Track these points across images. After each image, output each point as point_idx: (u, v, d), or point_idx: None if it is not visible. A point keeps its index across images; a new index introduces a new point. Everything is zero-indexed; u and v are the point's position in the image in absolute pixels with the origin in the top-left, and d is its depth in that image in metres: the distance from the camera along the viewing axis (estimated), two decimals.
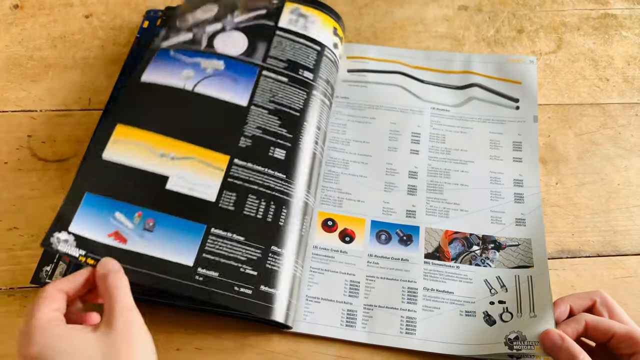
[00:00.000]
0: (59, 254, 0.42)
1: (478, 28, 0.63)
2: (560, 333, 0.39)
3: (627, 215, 0.51)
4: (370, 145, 0.54)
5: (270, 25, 0.55)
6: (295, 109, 0.51)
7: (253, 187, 0.46)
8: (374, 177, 0.52)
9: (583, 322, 0.39)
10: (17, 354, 0.32)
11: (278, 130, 0.49)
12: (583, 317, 0.40)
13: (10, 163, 0.53)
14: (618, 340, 0.38)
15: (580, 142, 0.55)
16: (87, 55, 0.60)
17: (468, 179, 0.52)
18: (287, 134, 0.49)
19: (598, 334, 0.39)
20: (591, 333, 0.39)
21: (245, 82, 0.51)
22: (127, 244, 0.42)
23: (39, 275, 0.46)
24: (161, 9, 0.63)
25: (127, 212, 0.44)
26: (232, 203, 0.45)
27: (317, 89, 0.53)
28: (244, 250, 0.44)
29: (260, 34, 0.54)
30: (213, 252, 0.43)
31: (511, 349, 0.42)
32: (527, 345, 0.42)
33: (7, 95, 0.57)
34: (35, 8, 0.63)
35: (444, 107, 0.56)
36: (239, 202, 0.45)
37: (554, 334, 0.39)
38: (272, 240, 0.45)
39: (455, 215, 0.50)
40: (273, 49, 0.54)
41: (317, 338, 0.44)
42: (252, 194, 0.46)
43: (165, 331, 0.44)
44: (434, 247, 0.48)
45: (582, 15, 0.65)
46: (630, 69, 0.60)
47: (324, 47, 0.55)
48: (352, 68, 0.59)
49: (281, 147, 0.49)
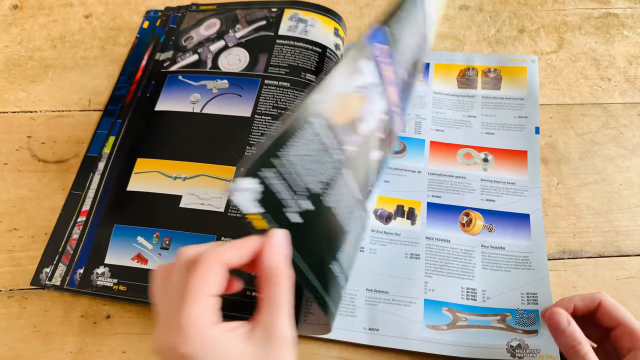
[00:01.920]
0: (97, 286, 0.45)
1: (479, 28, 0.63)
2: (568, 316, 0.38)
3: (629, 215, 0.51)
4: None
5: (270, 35, 0.57)
6: None
7: None
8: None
9: (598, 300, 0.40)
10: (158, 337, 0.28)
11: None
12: (600, 295, 0.40)
13: (10, 164, 0.52)
14: (622, 331, 0.38)
15: (581, 142, 0.55)
16: (86, 56, 0.60)
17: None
18: None
19: (607, 317, 0.39)
20: (601, 314, 0.39)
21: (249, 94, 0.54)
22: (148, 264, 0.46)
23: (38, 277, 0.46)
24: (161, 9, 0.63)
25: (147, 235, 0.47)
26: (239, 211, 0.45)
27: None
28: None
29: (261, 46, 0.56)
30: None
31: (513, 356, 0.42)
32: (529, 353, 0.42)
33: (6, 96, 0.57)
34: (35, 8, 0.63)
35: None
36: None
37: (561, 315, 0.38)
38: None
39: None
40: (274, 57, 0.55)
41: (318, 339, 0.44)
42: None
43: None
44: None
45: (583, 15, 0.65)
46: (632, 68, 0.60)
47: (326, 49, 0.56)
48: None
49: None
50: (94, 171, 0.51)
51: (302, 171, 0.32)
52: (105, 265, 0.46)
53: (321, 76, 0.53)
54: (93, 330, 0.44)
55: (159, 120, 0.54)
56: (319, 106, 0.33)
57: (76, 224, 0.48)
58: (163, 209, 0.48)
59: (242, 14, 0.59)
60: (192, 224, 0.47)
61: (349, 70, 0.36)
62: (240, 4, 0.61)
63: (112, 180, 0.51)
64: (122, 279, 0.45)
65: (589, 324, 0.42)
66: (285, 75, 0.54)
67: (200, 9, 0.62)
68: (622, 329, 0.38)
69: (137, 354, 0.43)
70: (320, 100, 0.33)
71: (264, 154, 0.30)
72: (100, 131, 0.54)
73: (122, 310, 0.45)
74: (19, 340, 0.44)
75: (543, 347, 0.42)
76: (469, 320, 0.45)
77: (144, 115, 0.54)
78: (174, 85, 0.56)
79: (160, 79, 0.57)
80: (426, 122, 0.56)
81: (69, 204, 0.50)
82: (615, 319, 0.39)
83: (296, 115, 0.32)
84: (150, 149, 0.52)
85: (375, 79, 0.38)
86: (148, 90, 0.56)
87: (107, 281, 0.45)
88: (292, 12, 0.57)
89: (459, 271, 0.47)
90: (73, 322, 0.44)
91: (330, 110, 0.34)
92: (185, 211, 0.48)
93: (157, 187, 0.49)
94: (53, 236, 0.48)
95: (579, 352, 0.36)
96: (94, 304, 0.45)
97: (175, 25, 0.61)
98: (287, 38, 0.56)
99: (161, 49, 0.59)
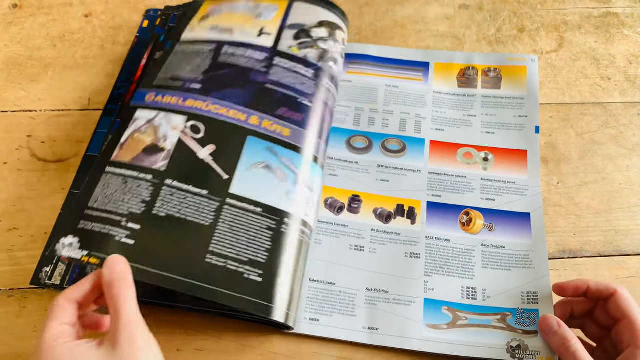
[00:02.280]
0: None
1: (479, 27, 0.63)
2: (557, 320, 0.41)
3: (629, 215, 0.51)
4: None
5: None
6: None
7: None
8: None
9: (613, 290, 0.40)
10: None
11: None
12: (618, 287, 0.40)
13: (9, 163, 0.52)
14: (625, 325, 0.38)
15: (581, 141, 0.55)
16: (86, 55, 0.60)
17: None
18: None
19: (616, 308, 0.39)
20: (611, 303, 0.40)
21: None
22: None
23: (38, 276, 0.46)
24: (161, 9, 0.63)
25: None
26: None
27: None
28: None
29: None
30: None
31: (513, 357, 0.42)
32: (529, 354, 0.42)
33: (6, 95, 0.57)
34: (35, 7, 0.63)
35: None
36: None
37: (552, 319, 0.41)
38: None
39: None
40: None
41: (318, 339, 0.44)
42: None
43: (166, 332, 0.44)
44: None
45: (583, 14, 0.65)
46: (632, 68, 0.60)
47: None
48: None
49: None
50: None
51: (115, 205, 0.43)
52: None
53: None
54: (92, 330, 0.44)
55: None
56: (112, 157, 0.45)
57: None
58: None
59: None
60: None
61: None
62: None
63: None
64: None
65: (590, 321, 0.42)
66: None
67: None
68: (626, 322, 0.38)
69: None
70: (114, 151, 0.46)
71: (70, 215, 0.43)
72: (100, 130, 0.54)
73: None
74: (18, 340, 0.44)
75: (543, 349, 0.42)
76: (469, 320, 0.45)
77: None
78: None
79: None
80: (426, 122, 0.56)
81: (68, 203, 0.50)
82: (622, 310, 0.39)
83: (91, 172, 0.45)
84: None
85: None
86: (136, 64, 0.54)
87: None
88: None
89: (459, 270, 0.47)
90: None
91: (119, 156, 0.45)
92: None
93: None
94: (53, 235, 0.48)
95: (569, 349, 0.39)
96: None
97: (175, 25, 0.60)
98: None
99: (161, 49, 0.58)
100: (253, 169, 0.46)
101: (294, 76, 0.52)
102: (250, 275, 0.42)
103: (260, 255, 0.43)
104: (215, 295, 0.41)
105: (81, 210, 0.43)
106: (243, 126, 0.48)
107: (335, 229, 0.49)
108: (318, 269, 0.47)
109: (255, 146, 0.47)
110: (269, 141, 0.48)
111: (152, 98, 0.49)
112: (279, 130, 0.48)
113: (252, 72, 0.51)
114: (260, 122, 0.48)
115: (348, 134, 0.55)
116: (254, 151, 0.47)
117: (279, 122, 0.49)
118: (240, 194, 0.45)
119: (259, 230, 0.44)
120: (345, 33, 0.58)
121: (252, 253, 0.43)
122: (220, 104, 0.49)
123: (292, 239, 0.45)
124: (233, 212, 0.44)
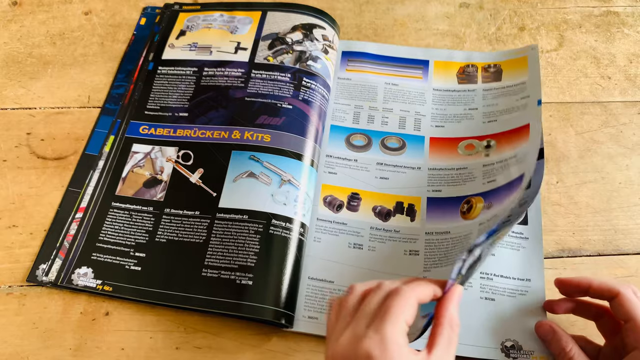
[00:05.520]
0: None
1: (479, 25, 0.63)
2: (551, 324, 0.42)
3: (629, 214, 0.51)
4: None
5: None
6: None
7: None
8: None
9: (616, 291, 0.39)
10: (344, 346, 0.31)
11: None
12: (621, 288, 0.39)
13: (9, 161, 0.52)
14: (631, 327, 0.38)
15: (581, 140, 0.55)
16: (86, 53, 0.60)
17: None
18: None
19: (620, 310, 0.38)
20: (616, 306, 0.39)
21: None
22: None
23: (35, 273, 0.46)
24: (159, 6, 0.63)
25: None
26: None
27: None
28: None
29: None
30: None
31: (507, 356, 0.42)
32: (523, 354, 0.42)
33: (5, 92, 0.57)
34: (34, 5, 0.63)
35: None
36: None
37: (545, 326, 0.42)
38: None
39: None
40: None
41: (316, 337, 0.44)
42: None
43: (165, 330, 0.44)
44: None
45: (584, 13, 0.64)
46: (632, 67, 0.60)
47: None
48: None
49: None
50: (94, 169, 0.51)
51: (123, 238, 0.47)
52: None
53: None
54: (92, 327, 0.44)
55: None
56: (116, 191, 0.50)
57: (74, 220, 0.48)
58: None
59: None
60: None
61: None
62: (223, 5, 0.61)
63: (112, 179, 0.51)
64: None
65: (604, 315, 0.41)
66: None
67: (183, 8, 0.62)
68: (632, 325, 0.38)
69: (135, 351, 0.43)
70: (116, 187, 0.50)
71: (83, 246, 0.47)
72: (99, 130, 0.54)
73: (121, 307, 0.45)
74: (17, 337, 0.44)
75: (537, 349, 0.42)
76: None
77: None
78: None
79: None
80: (425, 119, 0.55)
81: (66, 200, 0.50)
82: (626, 313, 0.38)
83: (97, 207, 0.49)
84: None
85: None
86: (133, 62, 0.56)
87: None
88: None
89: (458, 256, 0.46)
90: (72, 319, 0.44)
91: (122, 190, 0.50)
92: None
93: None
94: (50, 232, 0.48)
95: (568, 354, 0.39)
96: (93, 301, 0.45)
97: (158, 33, 0.60)
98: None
99: (144, 67, 0.58)
100: (238, 180, 0.49)
101: (272, 84, 0.54)
102: (242, 281, 0.44)
103: (250, 259, 0.44)
104: (211, 304, 0.43)
105: (93, 243, 0.47)
106: (227, 143, 0.51)
107: (334, 227, 0.49)
108: (317, 267, 0.47)
109: (239, 158, 0.50)
110: (251, 150, 0.50)
111: (146, 131, 0.53)
112: (261, 138, 0.50)
113: (232, 89, 0.54)
114: (241, 135, 0.51)
115: (347, 131, 0.55)
116: (238, 163, 0.50)
117: (258, 131, 0.51)
118: (227, 206, 0.47)
119: (247, 236, 0.46)
120: (326, 29, 0.58)
121: (241, 259, 0.45)
122: (205, 128, 0.52)
123: (280, 238, 0.45)
124: (222, 225, 0.46)
